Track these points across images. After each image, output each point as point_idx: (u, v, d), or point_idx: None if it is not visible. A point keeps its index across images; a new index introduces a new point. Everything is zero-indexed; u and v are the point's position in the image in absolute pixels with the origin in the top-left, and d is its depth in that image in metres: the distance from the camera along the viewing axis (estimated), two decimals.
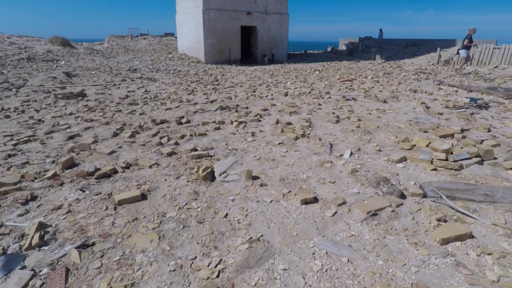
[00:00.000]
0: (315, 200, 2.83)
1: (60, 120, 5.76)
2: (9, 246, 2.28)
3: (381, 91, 8.17)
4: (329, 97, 7.44)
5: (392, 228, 2.44)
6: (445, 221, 2.51)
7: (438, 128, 4.82)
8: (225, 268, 2.04)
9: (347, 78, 10.64)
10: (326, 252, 2.17)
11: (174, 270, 2.03)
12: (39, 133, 4.95)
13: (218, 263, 2.07)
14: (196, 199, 2.90)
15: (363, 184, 3.13)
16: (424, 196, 2.87)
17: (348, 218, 2.57)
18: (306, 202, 2.77)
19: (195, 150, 4.06)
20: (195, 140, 4.49)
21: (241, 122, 5.24)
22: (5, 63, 12.66)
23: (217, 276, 1.97)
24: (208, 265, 2.05)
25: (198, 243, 2.28)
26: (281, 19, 18.92)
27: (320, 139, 4.41)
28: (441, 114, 5.82)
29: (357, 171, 3.42)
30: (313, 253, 2.17)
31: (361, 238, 2.33)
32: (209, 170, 3.25)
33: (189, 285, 1.91)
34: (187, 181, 3.22)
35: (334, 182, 3.19)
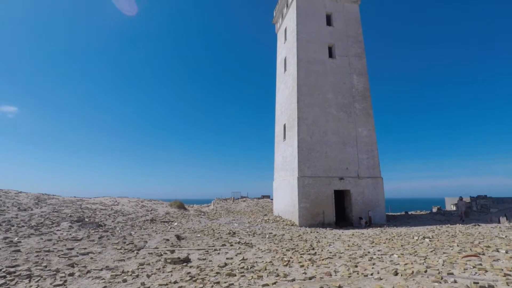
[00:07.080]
0: None
1: None
2: None
3: None
4: (454, 281, 6.07)
5: None
6: None
7: None
8: None
9: (470, 251, 8.87)
10: None
11: None
12: None
13: None
14: None
15: None
16: None
17: None
18: None
19: None
20: None
21: None
22: (134, 224, 15.30)
23: None
24: None
25: None
26: (374, 182, 19.04)
27: None
28: None
29: None
30: None
31: None
32: None
33: None
34: None
35: None
